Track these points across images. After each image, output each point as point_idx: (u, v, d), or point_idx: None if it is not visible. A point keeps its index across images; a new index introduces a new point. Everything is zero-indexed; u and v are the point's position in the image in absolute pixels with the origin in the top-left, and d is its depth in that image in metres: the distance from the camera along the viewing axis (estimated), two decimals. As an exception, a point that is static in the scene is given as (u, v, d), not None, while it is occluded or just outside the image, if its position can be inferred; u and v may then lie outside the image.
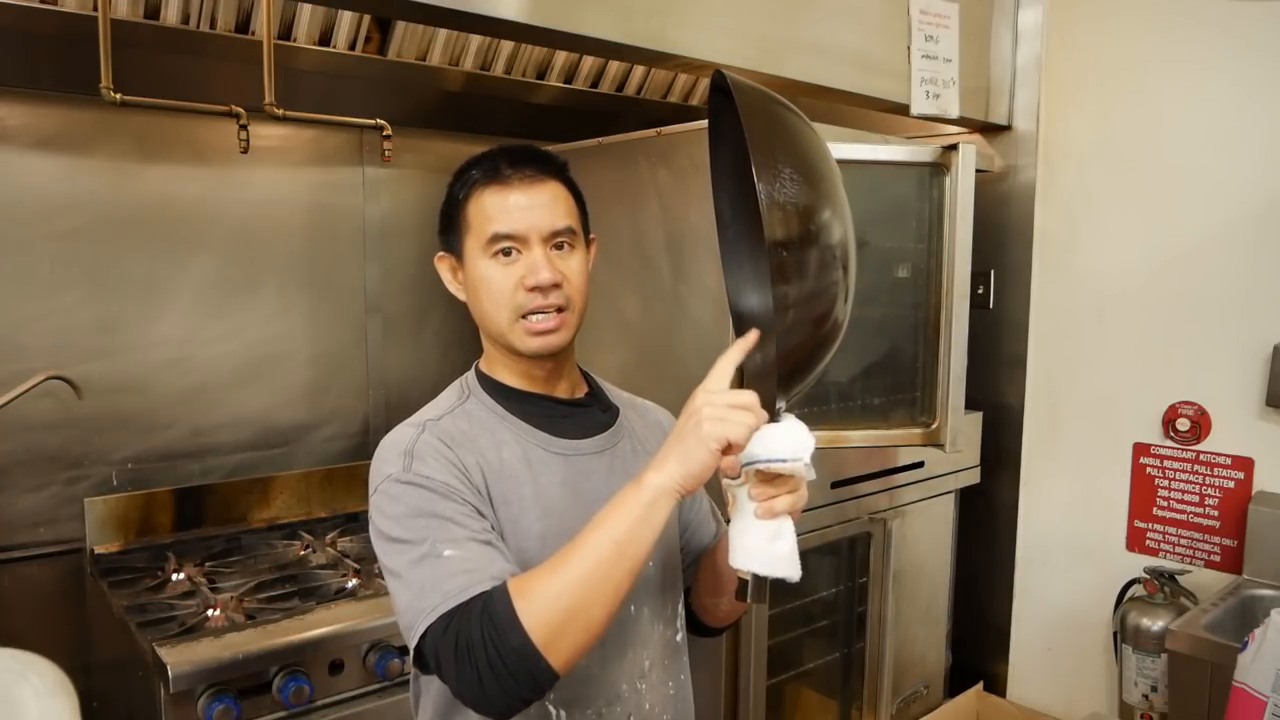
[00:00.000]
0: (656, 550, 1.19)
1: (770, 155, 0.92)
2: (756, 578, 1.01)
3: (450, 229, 1.17)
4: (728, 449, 0.95)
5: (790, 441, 0.99)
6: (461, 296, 1.18)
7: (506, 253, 1.11)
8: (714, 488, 1.77)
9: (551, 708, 1.10)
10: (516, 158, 1.14)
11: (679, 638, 1.24)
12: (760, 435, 0.99)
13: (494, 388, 1.18)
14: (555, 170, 1.15)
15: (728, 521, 1.11)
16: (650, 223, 2.07)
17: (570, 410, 1.20)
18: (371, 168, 2.47)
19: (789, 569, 1.01)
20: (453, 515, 1.02)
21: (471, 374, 1.22)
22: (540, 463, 1.13)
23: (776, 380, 0.98)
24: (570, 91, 2.50)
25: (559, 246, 1.13)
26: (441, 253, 1.19)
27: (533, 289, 1.10)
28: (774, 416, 1.01)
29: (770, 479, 1.00)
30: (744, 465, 1.00)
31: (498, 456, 1.11)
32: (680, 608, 1.25)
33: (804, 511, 1.06)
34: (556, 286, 1.11)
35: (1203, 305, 2.22)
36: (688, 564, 1.31)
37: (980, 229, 2.16)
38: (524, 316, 1.11)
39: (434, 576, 0.97)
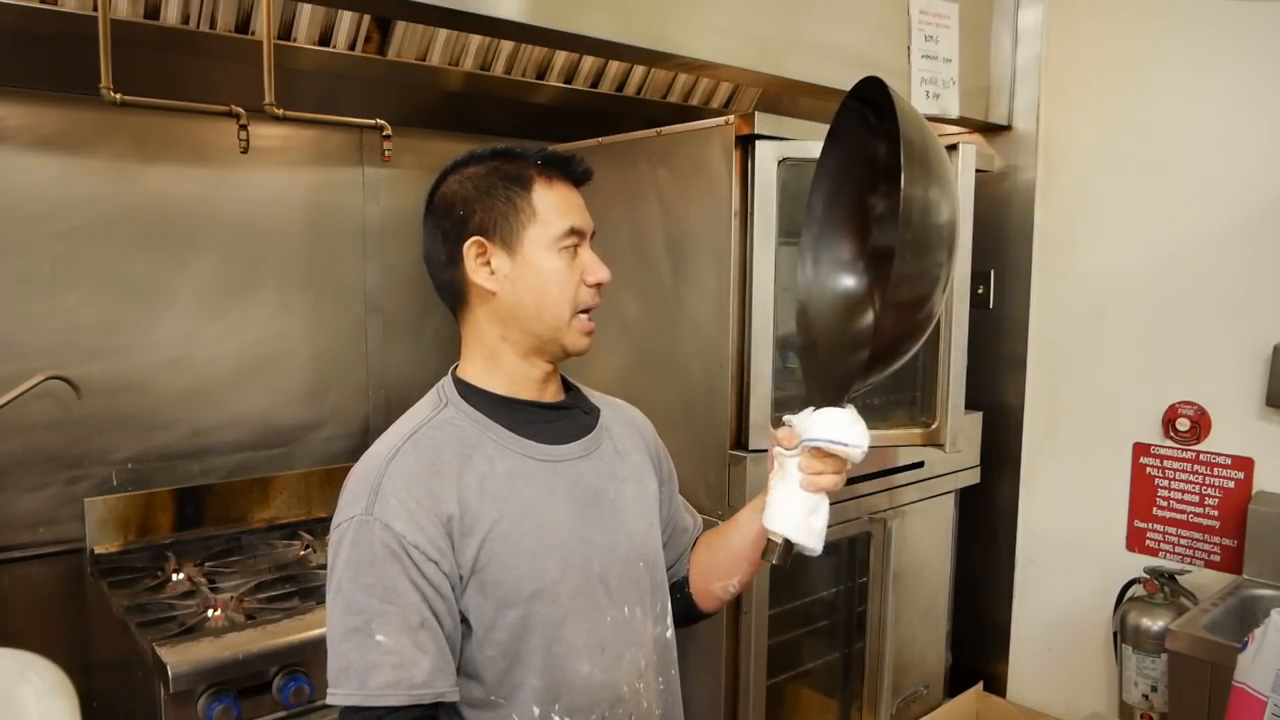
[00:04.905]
0: (644, 552, 1.20)
1: (925, 169, 1.00)
2: (787, 543, 1.09)
3: (494, 214, 1.11)
4: None
5: (852, 430, 1.08)
6: (491, 286, 1.12)
7: (571, 249, 1.13)
8: (687, 482, 1.77)
9: (557, 718, 1.10)
10: (569, 159, 1.16)
11: (669, 634, 1.26)
12: (824, 417, 1.08)
13: (477, 396, 1.14)
14: (588, 180, 1.20)
15: (717, 522, 1.12)
16: (650, 223, 2.07)
17: (555, 414, 1.19)
18: (371, 168, 2.47)
19: (817, 543, 1.10)
20: (395, 584, 1.01)
21: (448, 381, 1.17)
22: (527, 474, 1.11)
23: (866, 361, 1.05)
24: (570, 91, 2.50)
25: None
26: (476, 238, 1.12)
27: (594, 285, 1.15)
28: (840, 402, 1.09)
29: (822, 456, 1.08)
30: (805, 440, 1.08)
31: (478, 474, 1.08)
32: (668, 604, 1.27)
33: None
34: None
35: (1203, 305, 2.22)
36: (676, 558, 1.33)
37: (980, 229, 2.16)
38: (580, 312, 1.14)
39: (360, 660, 1.00)
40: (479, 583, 1.06)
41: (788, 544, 1.09)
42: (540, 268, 1.11)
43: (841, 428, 1.07)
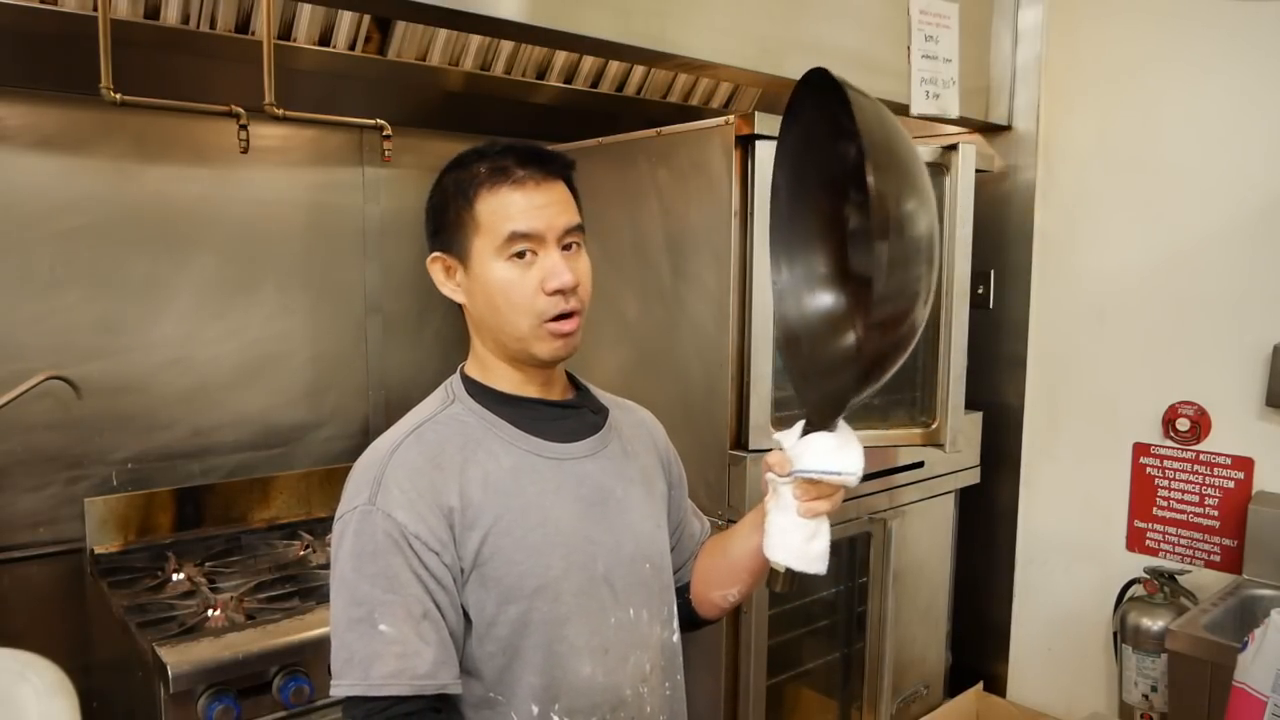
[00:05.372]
0: (650, 554, 1.19)
1: (889, 160, 0.94)
2: (790, 571, 1.07)
3: (449, 228, 1.12)
4: None
5: (844, 456, 1.04)
6: (459, 299, 1.14)
7: (522, 254, 1.07)
8: (694, 484, 1.76)
9: (556, 718, 1.09)
10: (526, 156, 1.10)
11: (675, 638, 1.24)
12: (814, 444, 1.04)
13: (484, 393, 1.14)
14: (563, 170, 1.13)
15: (726, 523, 1.12)
16: (650, 223, 2.07)
17: (563, 412, 1.18)
18: (371, 168, 2.47)
19: (820, 566, 1.07)
20: (398, 574, 1.01)
21: (456, 379, 1.18)
22: (533, 471, 1.11)
23: (852, 382, 1.00)
24: (570, 91, 2.50)
25: (567, 247, 1.11)
26: (437, 253, 1.14)
27: (554, 293, 1.07)
28: (830, 425, 1.05)
29: (816, 483, 1.04)
30: (795, 471, 1.04)
31: (481, 469, 1.08)
32: (674, 608, 1.26)
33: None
34: (574, 289, 1.09)
35: (1203, 305, 2.22)
36: (682, 563, 1.32)
37: (980, 229, 2.16)
38: (545, 322, 1.08)
39: (364, 651, 1.00)
40: (480, 577, 1.06)
41: (790, 572, 1.08)
42: (488, 279, 1.08)
43: (831, 455, 1.03)
